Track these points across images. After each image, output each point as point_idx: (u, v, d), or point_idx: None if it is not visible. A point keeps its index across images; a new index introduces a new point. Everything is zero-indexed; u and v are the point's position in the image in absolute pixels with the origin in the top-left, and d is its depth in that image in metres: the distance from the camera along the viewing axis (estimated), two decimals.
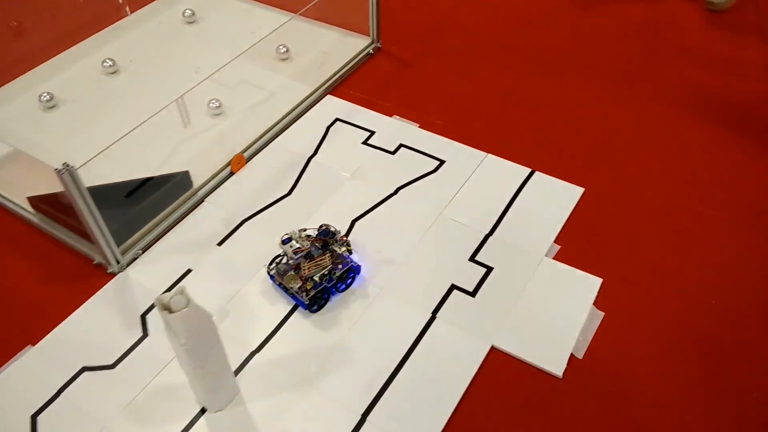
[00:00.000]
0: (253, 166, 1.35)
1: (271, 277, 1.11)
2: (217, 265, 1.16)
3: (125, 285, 1.13)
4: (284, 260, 1.11)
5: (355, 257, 1.13)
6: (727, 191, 1.27)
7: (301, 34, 1.71)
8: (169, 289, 1.12)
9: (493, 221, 1.22)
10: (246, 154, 1.36)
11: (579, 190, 1.27)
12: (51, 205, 1.21)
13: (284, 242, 1.10)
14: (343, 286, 1.11)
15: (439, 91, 1.53)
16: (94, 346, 1.04)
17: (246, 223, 1.23)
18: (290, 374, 0.99)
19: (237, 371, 1.00)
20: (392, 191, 1.28)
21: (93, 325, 1.07)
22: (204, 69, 1.56)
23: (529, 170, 1.32)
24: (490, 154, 1.35)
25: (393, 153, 1.37)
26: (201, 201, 1.27)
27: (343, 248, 1.11)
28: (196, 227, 1.23)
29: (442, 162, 1.34)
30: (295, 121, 1.45)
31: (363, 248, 1.17)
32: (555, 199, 1.26)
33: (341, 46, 1.65)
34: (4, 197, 1.29)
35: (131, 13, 1.78)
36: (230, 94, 1.51)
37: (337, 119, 1.45)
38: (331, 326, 1.06)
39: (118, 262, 1.14)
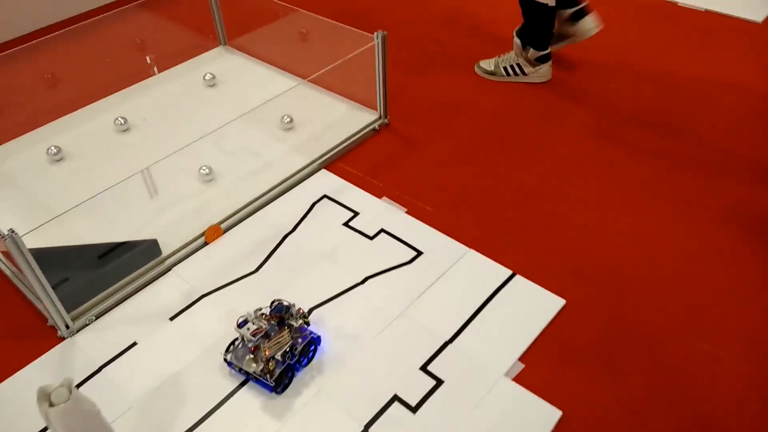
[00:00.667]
0: (229, 238, 1.33)
1: (229, 363, 1.06)
2: (163, 340, 1.13)
3: (70, 351, 1.11)
4: (240, 344, 1.07)
5: (313, 328, 1.09)
6: (732, 324, 1.12)
7: (310, 104, 1.70)
8: (110, 362, 1.09)
9: (458, 326, 1.12)
10: (226, 225, 1.34)
11: (559, 302, 1.16)
12: None
13: (240, 325, 1.06)
14: (306, 360, 1.06)
15: (437, 176, 1.47)
16: (18, 415, 1.02)
17: (204, 299, 1.20)
18: None
19: None
20: (359, 280, 1.21)
21: (25, 391, 1.05)
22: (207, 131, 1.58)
23: (509, 272, 1.22)
24: (472, 250, 1.27)
25: (371, 238, 1.31)
26: (168, 270, 1.26)
27: (300, 321, 1.07)
28: (155, 298, 1.21)
29: (419, 253, 1.26)
30: (283, 194, 1.43)
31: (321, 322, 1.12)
32: (532, 308, 1.15)
33: (347, 120, 1.63)
34: None
35: (158, 72, 1.85)
36: (226, 160, 1.52)
37: (324, 196, 1.42)
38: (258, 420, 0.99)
39: (67, 327, 1.13)
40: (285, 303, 1.08)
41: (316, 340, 1.08)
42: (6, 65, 1.70)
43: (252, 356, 1.04)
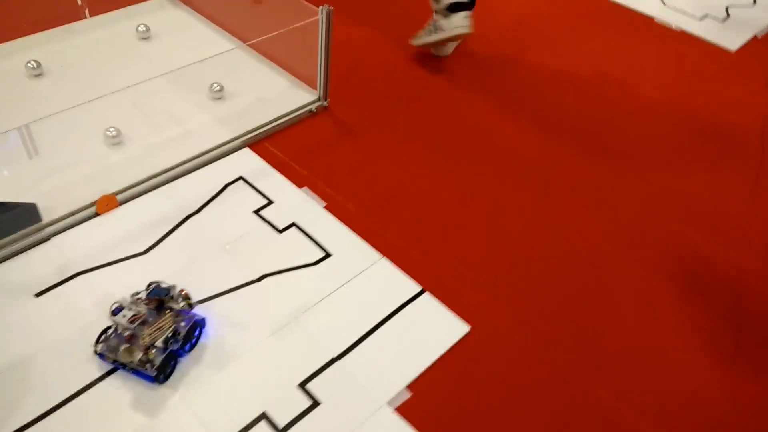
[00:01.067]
0: (124, 212, 1.20)
1: (101, 356, 0.96)
2: (22, 318, 1.01)
3: None
4: (114, 333, 0.96)
5: (197, 310, 1.00)
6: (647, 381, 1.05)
7: (247, 72, 1.57)
8: None
9: (351, 342, 1.03)
10: (124, 196, 1.22)
11: (464, 328, 1.07)
12: None
13: (114, 312, 0.95)
14: (189, 345, 0.98)
15: (367, 171, 1.36)
16: None
17: (81, 276, 1.08)
18: None
19: None
20: (256, 277, 1.11)
21: None
22: (129, 89, 1.45)
23: (418, 289, 1.13)
24: (384, 259, 1.17)
25: (280, 231, 1.20)
26: (46, 239, 1.14)
27: (182, 303, 0.98)
28: (24, 269, 1.08)
29: (327, 255, 1.16)
30: (196, 170, 1.31)
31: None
32: (433, 332, 1.06)
33: (283, 96, 1.51)
34: None
35: (90, 16, 1.70)
36: (140, 123, 1.38)
37: (240, 178, 1.30)
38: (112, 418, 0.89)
39: None
40: (163, 285, 0.98)
41: (200, 323, 1.00)
42: None
43: (128, 345, 0.93)
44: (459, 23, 1.64)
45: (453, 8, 1.62)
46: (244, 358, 0.99)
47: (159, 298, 0.97)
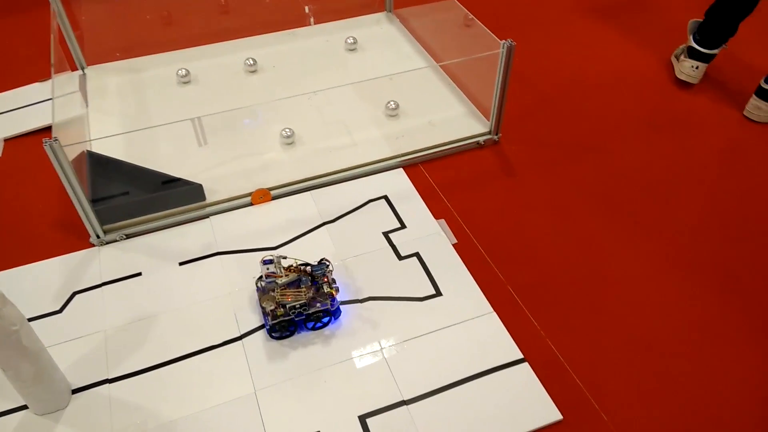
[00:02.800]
0: (274, 207, 1.31)
1: (257, 288, 1.10)
2: (163, 282, 1.16)
3: (90, 259, 1.20)
4: (266, 279, 1.08)
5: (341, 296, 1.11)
6: None
7: (428, 92, 1.59)
8: (111, 282, 1.16)
9: (428, 389, 0.98)
10: (279, 192, 1.33)
11: (555, 415, 0.95)
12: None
13: (265, 262, 1.07)
14: (312, 324, 1.06)
15: (513, 219, 1.28)
16: (17, 298, 1.13)
17: (219, 257, 1.20)
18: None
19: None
20: (361, 297, 1.12)
21: (37, 279, 1.17)
22: (318, 93, 1.57)
23: (520, 356, 1.03)
24: (494, 313, 1.09)
25: (401, 258, 1.19)
26: (205, 217, 1.29)
27: (328, 289, 1.06)
28: (179, 239, 1.24)
29: (438, 294, 1.12)
30: (347, 180, 1.36)
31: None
32: (520, 408, 0.96)
33: (455, 123, 1.49)
34: None
35: (313, 24, 1.86)
36: (315, 126, 1.49)
37: (384, 197, 1.32)
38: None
39: (98, 237, 1.22)
40: (329, 266, 1.08)
41: (333, 312, 1.06)
42: None
43: (272, 294, 1.05)
44: (685, 71, 1.62)
45: (691, 53, 1.61)
46: (322, 372, 1.01)
47: (313, 273, 1.06)
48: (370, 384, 0.99)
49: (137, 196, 1.27)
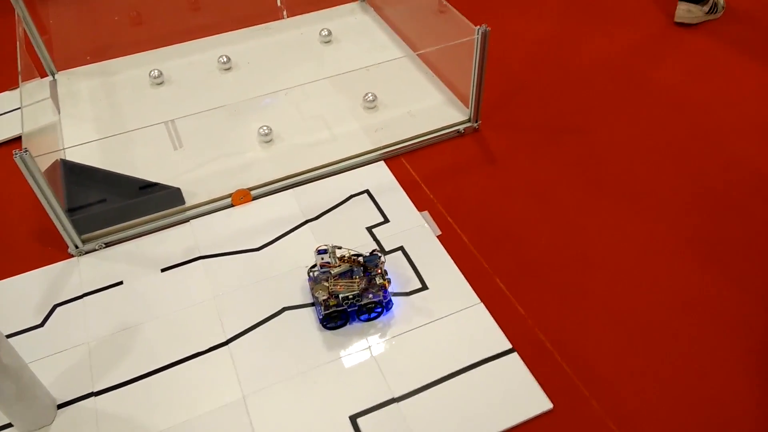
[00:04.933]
0: (255, 207, 1.29)
1: (309, 278, 1.10)
2: (145, 290, 1.14)
3: (69, 270, 1.18)
4: (318, 268, 1.08)
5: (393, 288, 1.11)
6: None
7: (406, 82, 1.57)
8: (91, 293, 1.14)
9: (417, 386, 0.97)
10: (259, 191, 1.31)
11: (545, 405, 0.94)
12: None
13: (319, 252, 1.06)
14: (366, 316, 1.06)
15: (496, 206, 1.27)
16: None
17: (201, 261, 1.19)
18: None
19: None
20: None
21: (16, 293, 1.15)
22: (294, 89, 1.54)
23: (508, 346, 1.02)
24: (482, 304, 1.08)
25: (386, 253, 1.18)
26: (185, 221, 1.27)
27: (380, 281, 1.06)
28: (160, 245, 1.22)
29: (424, 287, 1.11)
30: (328, 176, 1.34)
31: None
32: (510, 399, 0.95)
33: (435, 112, 1.47)
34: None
35: (286, 17, 1.84)
36: (294, 122, 1.47)
37: (366, 191, 1.31)
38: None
39: (76, 247, 1.20)
40: (381, 258, 1.08)
41: (385, 304, 1.06)
42: None
43: (325, 284, 1.05)
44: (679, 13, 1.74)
45: None
46: (310, 373, 1.00)
47: (366, 264, 1.07)
48: (359, 383, 0.99)
49: (115, 204, 1.24)
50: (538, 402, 0.95)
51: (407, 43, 1.71)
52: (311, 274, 1.09)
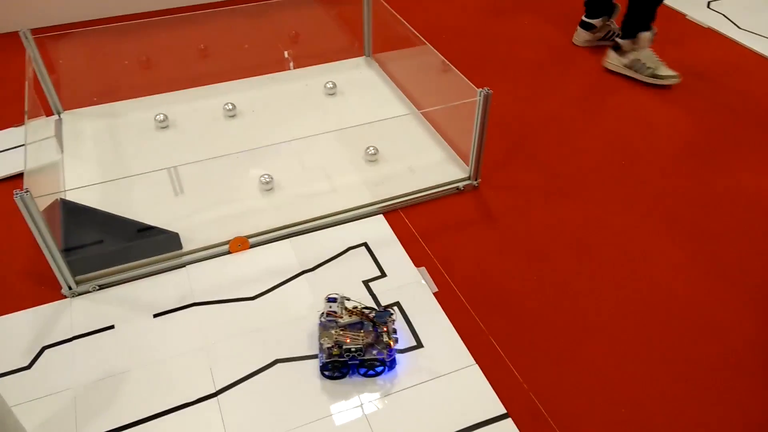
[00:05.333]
0: (252, 255, 1.29)
1: (319, 323, 1.08)
2: (136, 335, 1.12)
3: (62, 311, 1.17)
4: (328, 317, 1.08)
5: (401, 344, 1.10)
6: None
7: (407, 137, 1.60)
8: (82, 336, 1.12)
9: None
10: (257, 240, 1.31)
11: None
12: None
13: (329, 300, 1.07)
14: (365, 371, 1.05)
15: (494, 266, 1.27)
16: None
17: (195, 308, 1.18)
18: None
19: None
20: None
21: (5, 332, 1.13)
22: (296, 141, 1.56)
23: (503, 411, 1.01)
24: (476, 366, 1.07)
25: (382, 309, 1.18)
26: (182, 266, 1.26)
27: (386, 338, 1.05)
28: (155, 289, 1.21)
29: (418, 345, 1.10)
30: (326, 227, 1.35)
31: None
32: None
33: (435, 168, 1.49)
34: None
35: (293, 68, 1.88)
36: (295, 172, 1.48)
37: (364, 244, 1.31)
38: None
39: (70, 288, 1.19)
40: (392, 316, 1.08)
41: (388, 363, 1.05)
42: (160, 29, 1.86)
43: (332, 332, 1.04)
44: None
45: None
46: (299, 431, 0.98)
47: (374, 319, 1.06)
48: None
49: (112, 246, 1.24)
50: None
51: (410, 99, 1.74)
52: (321, 320, 1.09)
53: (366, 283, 1.23)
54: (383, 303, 1.18)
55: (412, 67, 1.82)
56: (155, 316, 1.16)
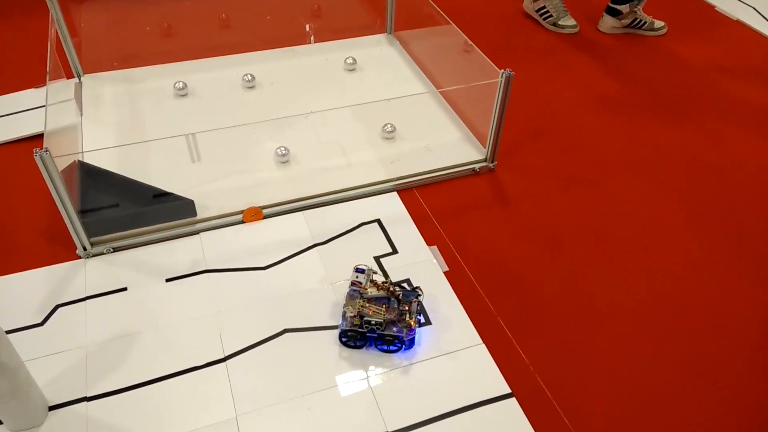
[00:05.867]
0: (265, 226, 1.29)
1: (348, 291, 1.09)
2: (148, 298, 1.14)
3: (76, 271, 1.18)
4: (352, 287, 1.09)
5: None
6: None
7: (426, 116, 1.59)
8: (95, 296, 1.14)
9: (412, 422, 0.96)
10: (271, 211, 1.31)
11: None
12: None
13: (357, 270, 1.08)
14: (383, 347, 1.06)
15: (505, 248, 1.27)
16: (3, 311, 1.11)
17: (206, 274, 1.18)
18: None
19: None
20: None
21: (19, 290, 1.14)
22: (315, 114, 1.56)
23: (507, 390, 1.01)
24: (483, 345, 1.07)
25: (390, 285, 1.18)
26: (195, 233, 1.27)
27: (408, 318, 1.05)
28: (168, 254, 1.22)
29: (426, 323, 1.11)
30: (340, 202, 1.35)
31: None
32: None
33: (452, 149, 1.48)
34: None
35: (314, 42, 1.87)
36: (312, 146, 1.48)
37: (377, 220, 1.31)
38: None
39: (84, 249, 1.20)
40: (419, 296, 1.08)
41: (404, 342, 1.05)
42: None
43: (357, 301, 1.06)
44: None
45: None
46: (306, 399, 0.99)
47: (399, 297, 1.06)
48: (354, 413, 0.98)
49: (127, 209, 1.25)
50: None
51: (430, 78, 1.73)
52: (350, 286, 1.09)
53: (377, 259, 1.23)
54: (393, 279, 1.19)
55: (433, 46, 1.80)
56: (167, 280, 1.17)
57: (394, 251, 1.24)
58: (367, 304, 1.05)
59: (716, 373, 1.06)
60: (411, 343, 1.06)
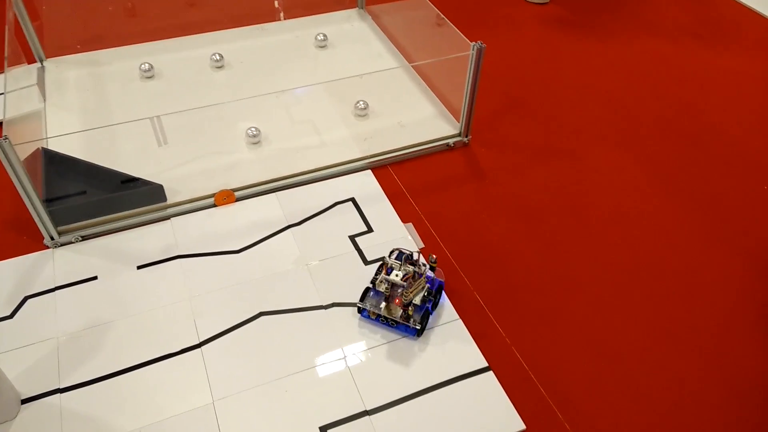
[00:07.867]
0: (238, 208, 1.27)
1: (364, 312, 1.06)
2: (119, 286, 1.12)
3: (43, 262, 1.16)
4: (372, 292, 1.07)
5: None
6: None
7: (398, 92, 1.57)
8: (64, 286, 1.12)
9: (390, 399, 0.96)
10: (243, 193, 1.29)
11: (518, 425, 0.94)
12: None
13: (388, 272, 1.04)
14: (431, 304, 1.07)
15: (481, 223, 1.27)
16: None
17: (178, 260, 1.17)
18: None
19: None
20: (325, 303, 1.09)
21: None
22: (285, 93, 1.53)
23: (485, 364, 1.02)
24: (460, 321, 1.07)
25: (366, 263, 1.17)
26: (166, 218, 1.25)
27: (424, 268, 1.05)
28: (138, 241, 1.20)
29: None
30: (314, 182, 1.33)
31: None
32: (483, 418, 0.94)
33: (425, 124, 1.47)
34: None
35: (283, 19, 1.83)
36: (283, 126, 1.45)
37: (352, 199, 1.30)
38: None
39: (52, 238, 1.18)
40: (406, 252, 1.06)
41: (442, 285, 1.10)
42: None
43: (387, 303, 1.04)
44: None
45: None
46: (283, 381, 0.98)
47: (410, 261, 1.05)
48: (332, 393, 0.97)
49: (94, 196, 1.22)
50: (511, 422, 0.95)
51: (402, 53, 1.70)
52: (366, 306, 1.06)
53: (352, 238, 1.22)
54: (369, 258, 1.17)
55: (405, 20, 1.77)
56: (139, 267, 1.15)
57: (369, 230, 1.23)
58: (407, 291, 1.02)
59: (691, 338, 1.08)
60: (442, 282, 1.11)
